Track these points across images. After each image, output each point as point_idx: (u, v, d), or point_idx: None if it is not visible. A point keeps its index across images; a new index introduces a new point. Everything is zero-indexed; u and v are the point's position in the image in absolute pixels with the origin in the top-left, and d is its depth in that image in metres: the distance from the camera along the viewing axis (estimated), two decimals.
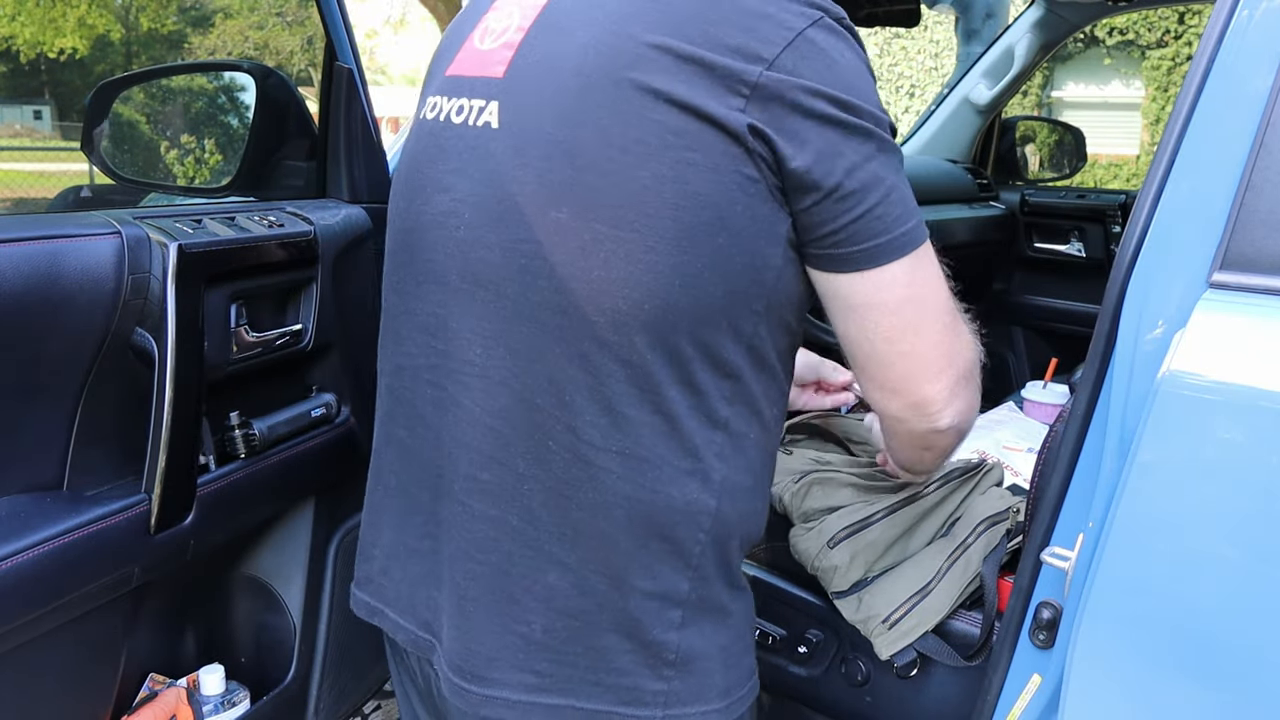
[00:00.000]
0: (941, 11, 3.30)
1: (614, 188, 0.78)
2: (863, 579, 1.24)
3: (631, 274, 0.78)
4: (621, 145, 0.77)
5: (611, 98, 0.78)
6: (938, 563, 1.24)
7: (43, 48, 2.32)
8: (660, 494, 0.81)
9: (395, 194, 0.96)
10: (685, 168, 0.77)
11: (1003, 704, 0.97)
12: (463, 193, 0.85)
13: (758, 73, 0.76)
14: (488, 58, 0.87)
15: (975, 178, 2.89)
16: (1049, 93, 11.18)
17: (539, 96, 0.82)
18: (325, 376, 1.48)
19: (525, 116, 0.82)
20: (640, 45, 0.78)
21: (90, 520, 1.09)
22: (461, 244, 0.85)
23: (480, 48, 0.88)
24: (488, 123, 0.84)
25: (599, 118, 0.78)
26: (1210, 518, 0.79)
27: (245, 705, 1.41)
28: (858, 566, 1.23)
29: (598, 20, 0.81)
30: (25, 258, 1.03)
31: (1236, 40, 0.84)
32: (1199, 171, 0.84)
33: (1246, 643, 0.78)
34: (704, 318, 0.79)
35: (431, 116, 0.92)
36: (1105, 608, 0.83)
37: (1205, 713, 0.81)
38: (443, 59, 0.95)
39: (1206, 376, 0.78)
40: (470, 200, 0.85)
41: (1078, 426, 0.91)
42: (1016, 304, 2.99)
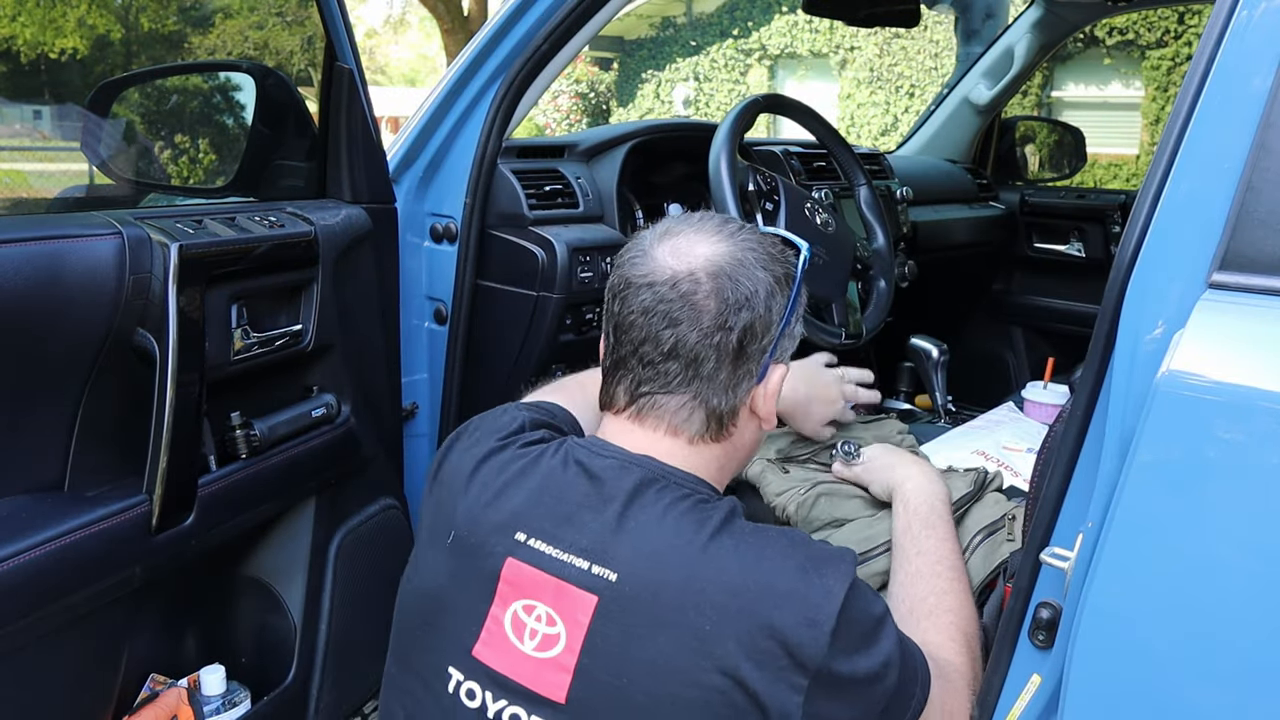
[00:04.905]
0: (941, 11, 3.30)
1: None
2: None
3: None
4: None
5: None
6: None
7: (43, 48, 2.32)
8: None
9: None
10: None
11: (1002, 704, 0.97)
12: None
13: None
14: (536, 668, 0.88)
15: (975, 178, 2.90)
16: (1049, 93, 11.18)
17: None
18: (325, 377, 1.48)
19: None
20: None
21: (91, 521, 1.09)
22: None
23: (519, 646, 0.89)
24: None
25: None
26: (1209, 518, 0.79)
27: (246, 705, 1.42)
28: None
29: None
30: (26, 258, 1.03)
31: (1236, 40, 0.84)
32: (1198, 172, 0.84)
33: (1246, 642, 0.78)
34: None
35: (468, 703, 0.91)
36: (1104, 608, 0.84)
37: (1205, 712, 0.81)
38: (449, 614, 0.94)
39: (1206, 377, 0.78)
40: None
41: (1077, 427, 0.91)
42: (1016, 304, 2.99)
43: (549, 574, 0.90)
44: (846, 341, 1.72)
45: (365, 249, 1.53)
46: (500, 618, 0.91)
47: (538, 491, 0.94)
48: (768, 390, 0.99)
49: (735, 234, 0.97)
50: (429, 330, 1.79)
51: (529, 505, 0.94)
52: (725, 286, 0.93)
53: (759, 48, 13.65)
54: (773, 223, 1.69)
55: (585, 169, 1.91)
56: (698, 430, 0.96)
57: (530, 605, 0.90)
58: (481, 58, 1.72)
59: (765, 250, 0.98)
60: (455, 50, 10.58)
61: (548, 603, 0.89)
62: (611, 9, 1.69)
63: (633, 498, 0.91)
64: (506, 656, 0.90)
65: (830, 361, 1.56)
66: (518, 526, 0.93)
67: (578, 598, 0.88)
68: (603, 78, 14.79)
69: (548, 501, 0.93)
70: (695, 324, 0.93)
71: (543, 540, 0.91)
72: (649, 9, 14.17)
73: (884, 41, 12.31)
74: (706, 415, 0.96)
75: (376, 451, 1.59)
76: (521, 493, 0.95)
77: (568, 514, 0.92)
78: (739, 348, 0.94)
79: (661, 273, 0.94)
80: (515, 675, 0.89)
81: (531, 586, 0.90)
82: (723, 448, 0.99)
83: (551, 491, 0.94)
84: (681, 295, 0.93)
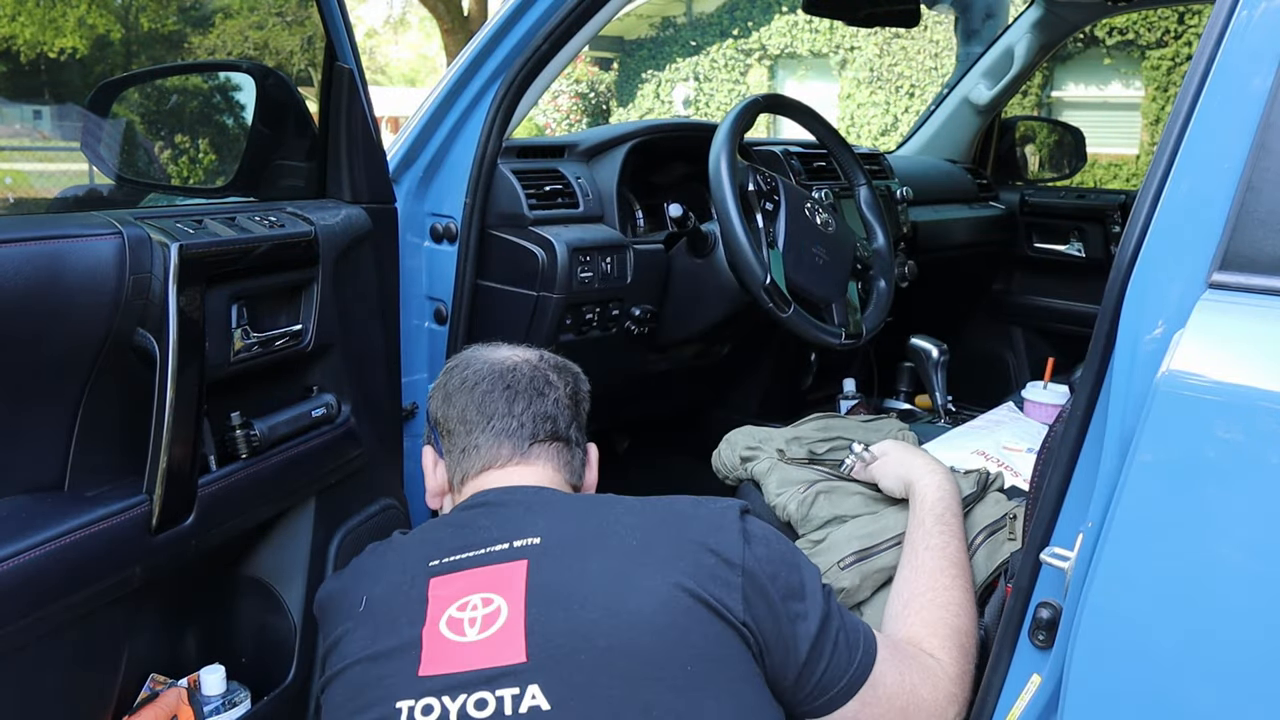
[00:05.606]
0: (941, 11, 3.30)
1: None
2: (866, 599, 1.24)
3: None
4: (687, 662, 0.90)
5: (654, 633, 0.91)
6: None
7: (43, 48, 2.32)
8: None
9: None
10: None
11: (1002, 704, 0.97)
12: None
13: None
14: (487, 647, 0.90)
15: (975, 178, 2.90)
16: (1049, 93, 11.18)
17: (591, 667, 0.88)
18: (326, 377, 1.48)
19: (580, 689, 0.88)
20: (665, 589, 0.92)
21: (91, 521, 1.09)
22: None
23: (462, 639, 0.91)
24: (535, 706, 0.87)
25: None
26: (1209, 518, 0.79)
27: (246, 705, 1.41)
28: (866, 589, 1.24)
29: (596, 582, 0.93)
30: (26, 258, 1.03)
31: (1236, 40, 0.84)
32: (1198, 171, 0.84)
33: (1246, 642, 0.78)
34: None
35: (422, 716, 0.90)
36: (1104, 608, 0.84)
37: (1205, 712, 0.81)
38: (381, 662, 0.94)
39: (1206, 376, 0.78)
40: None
41: (1077, 426, 0.91)
42: (1016, 304, 2.99)
43: (474, 567, 0.95)
44: (846, 341, 1.72)
45: (365, 249, 1.53)
46: (435, 628, 0.93)
47: (434, 539, 1.03)
48: (590, 463, 1.22)
49: (531, 346, 1.24)
50: (429, 330, 1.79)
51: (431, 547, 1.01)
52: (563, 368, 1.22)
53: (759, 48, 13.65)
54: (773, 223, 1.69)
55: (585, 169, 1.91)
56: (575, 472, 1.17)
57: (464, 603, 0.93)
58: (481, 58, 1.72)
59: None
60: (455, 50, 10.58)
61: (480, 589, 0.93)
62: (611, 9, 1.69)
63: (533, 496, 1.05)
64: (454, 656, 0.91)
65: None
66: (428, 559, 0.99)
67: (508, 570, 0.94)
68: (603, 78, 14.78)
69: (448, 537, 1.01)
70: (555, 392, 1.17)
71: (458, 554, 0.98)
72: (649, 9, 14.17)
73: (884, 41, 12.31)
74: (574, 459, 1.18)
75: (376, 451, 1.59)
76: (416, 547, 1.03)
77: (472, 531, 1.00)
78: (582, 417, 1.21)
79: (515, 360, 1.18)
80: (469, 665, 0.90)
81: (460, 586, 0.95)
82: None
83: (448, 532, 1.02)
84: (540, 373, 1.18)
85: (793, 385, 2.50)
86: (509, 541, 0.96)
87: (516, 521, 0.99)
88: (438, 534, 1.04)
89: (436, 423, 1.19)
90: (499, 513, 1.02)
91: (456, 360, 1.21)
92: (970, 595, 1.14)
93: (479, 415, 1.14)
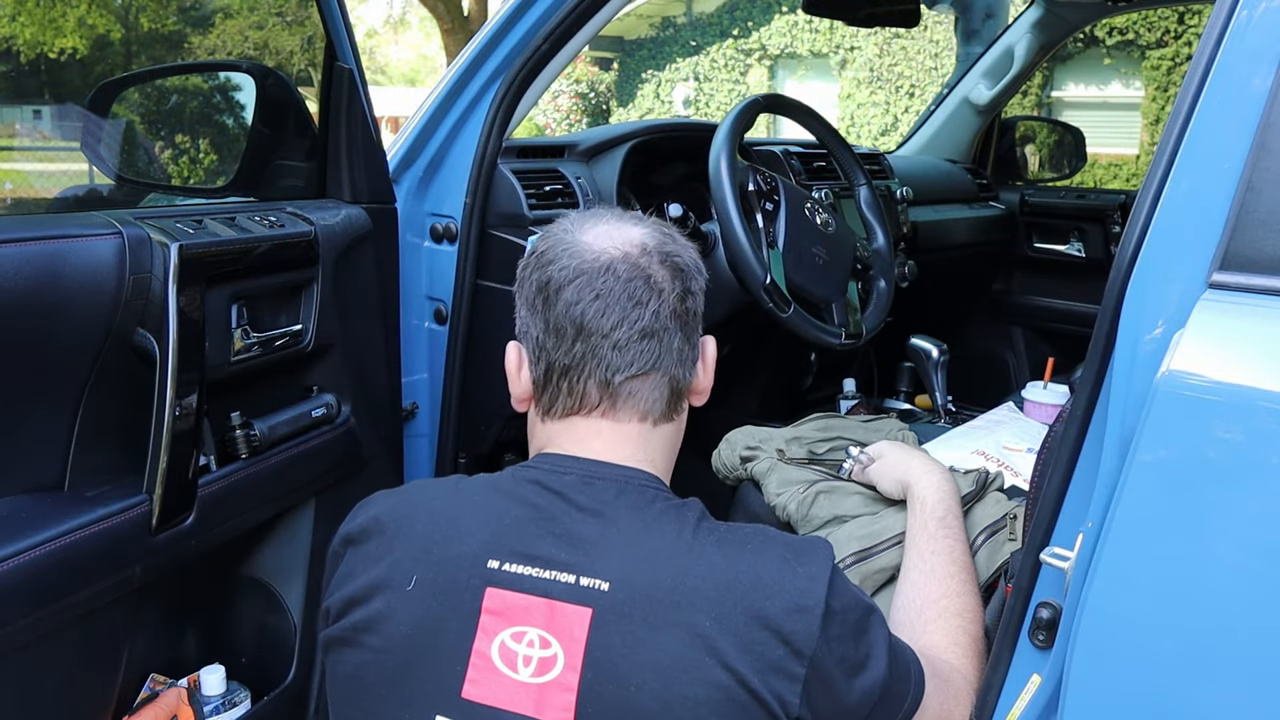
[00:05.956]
0: (941, 11, 3.30)
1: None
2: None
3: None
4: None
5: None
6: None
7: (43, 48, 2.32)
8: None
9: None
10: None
11: (1002, 704, 0.97)
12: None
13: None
14: (536, 694, 0.85)
15: (975, 178, 2.90)
16: (1049, 93, 11.18)
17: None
18: (326, 377, 1.48)
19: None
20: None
21: (91, 521, 1.09)
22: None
23: (514, 676, 0.86)
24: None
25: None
26: (1209, 518, 0.79)
27: (246, 705, 1.42)
28: (866, 589, 1.24)
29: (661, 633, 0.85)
30: (26, 258, 1.03)
31: (1236, 40, 0.84)
32: (1198, 171, 0.84)
33: (1246, 642, 0.78)
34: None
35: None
36: (1104, 608, 0.84)
37: (1205, 712, 0.81)
38: (426, 662, 0.88)
39: (1206, 377, 0.78)
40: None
41: (1077, 426, 0.91)
42: (1016, 304, 2.99)
43: (536, 595, 0.87)
44: (846, 341, 1.72)
45: (365, 249, 1.53)
46: (486, 652, 0.87)
47: (498, 516, 0.92)
48: (707, 360, 1.01)
49: (642, 219, 1.00)
50: (429, 330, 1.79)
51: (493, 532, 0.91)
52: (673, 260, 0.96)
53: (759, 48, 13.65)
54: (773, 223, 1.69)
55: (585, 169, 1.91)
56: (663, 410, 0.97)
57: (520, 632, 0.87)
58: (481, 58, 1.72)
59: (669, 229, 1.02)
60: (455, 50, 10.58)
61: (539, 625, 0.86)
62: (611, 9, 1.69)
63: (605, 507, 0.90)
64: (501, 690, 0.86)
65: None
66: (487, 554, 0.89)
67: (571, 614, 0.86)
68: (603, 78, 14.79)
69: (512, 524, 0.91)
70: (662, 297, 0.94)
71: (520, 563, 0.88)
72: (649, 9, 14.17)
73: (884, 41, 12.31)
74: (670, 392, 0.96)
75: (376, 451, 1.59)
76: (479, 521, 0.92)
77: (540, 532, 0.90)
78: (696, 315, 0.98)
79: (612, 254, 0.94)
80: (514, 706, 0.85)
81: (519, 612, 0.87)
82: (675, 426, 1.00)
83: (515, 513, 0.91)
84: (641, 271, 0.94)
85: (793, 385, 2.50)
86: (576, 575, 0.87)
87: (587, 545, 0.88)
88: (507, 512, 0.92)
89: (519, 320, 1.01)
90: (571, 520, 0.90)
91: (544, 240, 0.99)
92: (979, 599, 1.13)
93: (562, 333, 0.95)
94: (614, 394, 0.95)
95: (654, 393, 0.96)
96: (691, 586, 0.86)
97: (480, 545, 0.90)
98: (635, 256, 0.94)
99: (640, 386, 0.95)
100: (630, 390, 0.95)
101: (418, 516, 0.94)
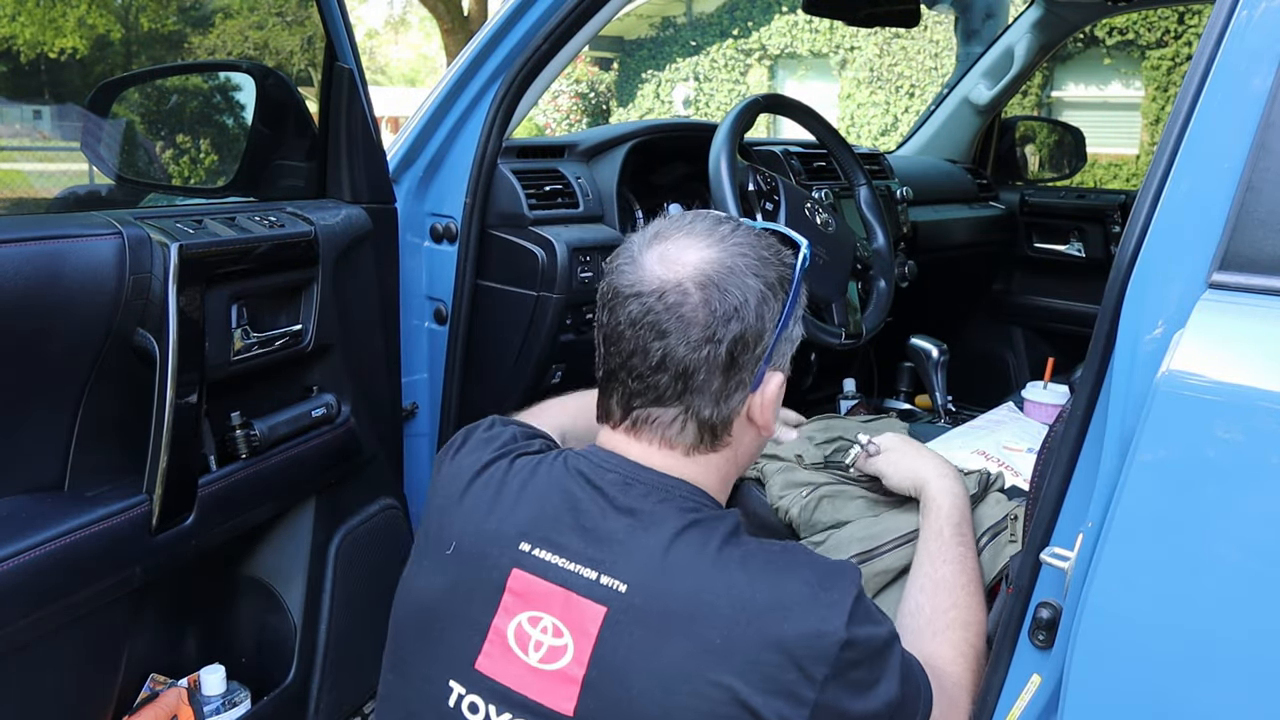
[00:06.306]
0: (941, 11, 3.30)
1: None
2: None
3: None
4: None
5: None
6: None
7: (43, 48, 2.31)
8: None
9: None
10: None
11: (1002, 704, 0.97)
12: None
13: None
14: (542, 680, 0.87)
15: (975, 178, 2.90)
16: (1049, 93, 11.18)
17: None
18: (325, 377, 1.48)
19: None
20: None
21: (91, 521, 1.09)
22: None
23: (524, 657, 0.88)
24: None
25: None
26: (1209, 518, 0.79)
27: (246, 705, 1.42)
28: (869, 590, 1.23)
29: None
30: (26, 258, 1.03)
31: (1236, 40, 0.84)
32: (1198, 171, 0.84)
33: (1246, 642, 0.78)
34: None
35: (470, 717, 0.90)
36: (1104, 608, 0.84)
37: (1205, 712, 0.81)
38: (448, 623, 0.93)
39: (1206, 376, 0.78)
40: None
41: (1077, 426, 0.91)
42: (1016, 304, 2.99)
43: (557, 584, 0.89)
44: (846, 341, 1.72)
45: (365, 249, 1.53)
46: (503, 629, 0.90)
47: (540, 501, 0.94)
48: (765, 398, 0.97)
49: (728, 237, 0.94)
50: (429, 330, 1.79)
51: (532, 515, 0.93)
52: (714, 298, 0.91)
53: (759, 48, 13.65)
54: (773, 223, 1.69)
55: (585, 169, 1.91)
56: (691, 442, 0.95)
57: (536, 617, 0.89)
58: (481, 58, 1.72)
59: (758, 254, 0.95)
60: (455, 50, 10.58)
61: (555, 614, 0.88)
62: (611, 9, 1.69)
63: (639, 510, 0.90)
64: (510, 669, 0.88)
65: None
66: (522, 537, 0.92)
67: (586, 608, 0.87)
68: (603, 78, 14.79)
69: (551, 512, 0.93)
70: (684, 336, 0.90)
71: (549, 550, 0.90)
72: (649, 9, 14.17)
73: (884, 41, 12.31)
74: (699, 427, 0.94)
75: (376, 451, 1.59)
76: (523, 502, 0.94)
77: (573, 524, 0.91)
78: (729, 359, 0.92)
79: (649, 283, 0.92)
80: (520, 688, 0.88)
81: (538, 597, 0.89)
82: (722, 456, 0.97)
83: (555, 501, 0.93)
84: (669, 307, 0.90)
85: (793, 385, 2.50)
86: (598, 571, 0.88)
87: (614, 544, 0.89)
88: (549, 498, 0.94)
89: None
90: (605, 517, 0.91)
91: (623, 244, 0.98)
92: (984, 610, 1.13)
93: (599, 346, 0.96)
94: (634, 419, 0.95)
95: (675, 425, 0.94)
96: (707, 601, 0.85)
97: (515, 526, 0.93)
98: (670, 286, 0.91)
99: (660, 416, 0.94)
100: (649, 417, 0.94)
101: (478, 479, 0.99)
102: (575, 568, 0.89)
